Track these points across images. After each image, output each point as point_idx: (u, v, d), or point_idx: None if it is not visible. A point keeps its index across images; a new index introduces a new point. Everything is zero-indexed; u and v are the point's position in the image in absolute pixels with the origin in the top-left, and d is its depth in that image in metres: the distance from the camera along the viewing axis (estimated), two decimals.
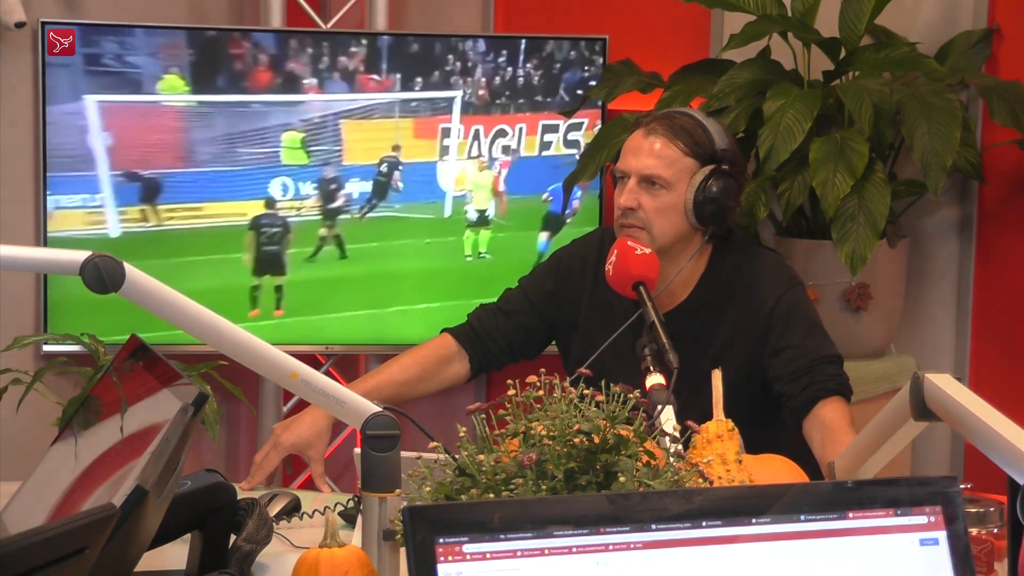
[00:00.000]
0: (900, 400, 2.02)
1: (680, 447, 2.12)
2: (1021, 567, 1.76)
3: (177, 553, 2.31)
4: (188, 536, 2.29)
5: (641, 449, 1.95)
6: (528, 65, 4.36)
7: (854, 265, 3.60)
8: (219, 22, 4.32)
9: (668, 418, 2.38)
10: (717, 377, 2.36)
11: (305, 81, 4.32)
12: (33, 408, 2.99)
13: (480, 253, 4.48)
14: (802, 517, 1.53)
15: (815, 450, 2.80)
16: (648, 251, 2.81)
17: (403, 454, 2.05)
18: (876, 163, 3.71)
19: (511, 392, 1.98)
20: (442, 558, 1.43)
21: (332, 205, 4.39)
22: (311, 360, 4.27)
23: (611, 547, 1.47)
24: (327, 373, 4.25)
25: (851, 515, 1.54)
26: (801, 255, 3.89)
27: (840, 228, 3.62)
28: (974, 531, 2.35)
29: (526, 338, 3.14)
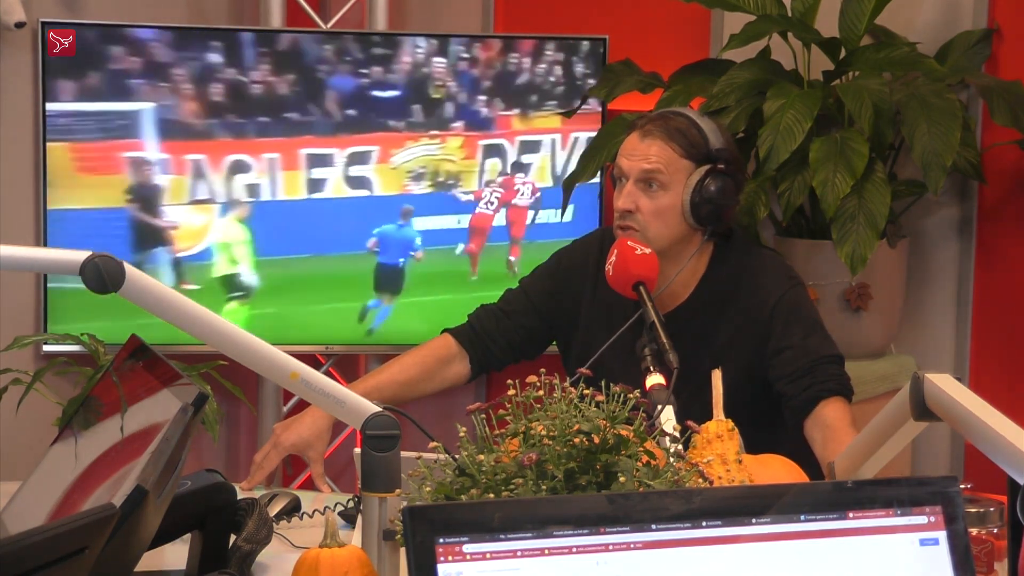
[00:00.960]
0: (900, 400, 2.02)
1: (680, 447, 2.12)
2: (1021, 567, 1.76)
3: (177, 553, 2.31)
4: (188, 536, 2.29)
5: (641, 449, 1.95)
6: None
7: (854, 265, 3.60)
8: (219, 22, 4.32)
9: (668, 418, 2.38)
10: (717, 377, 2.36)
11: None
12: (33, 408, 2.99)
13: None
14: (802, 517, 1.53)
15: (816, 450, 2.80)
16: (648, 251, 2.81)
17: (403, 454, 2.05)
18: (876, 163, 3.71)
19: (511, 392, 1.98)
20: (442, 558, 1.43)
21: None
22: (311, 360, 4.27)
23: (611, 547, 1.47)
24: (327, 373, 4.25)
25: (851, 515, 1.54)
26: (801, 255, 3.89)
27: (840, 228, 3.62)
28: (974, 531, 2.35)
29: (526, 338, 3.14)
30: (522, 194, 4.11)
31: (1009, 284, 4.04)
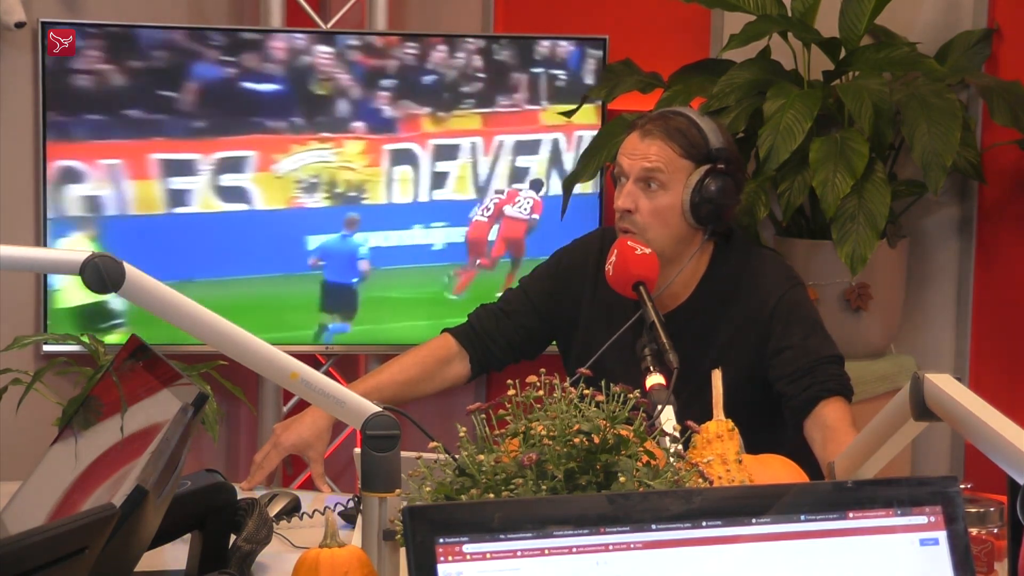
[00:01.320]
0: (900, 400, 2.02)
1: (680, 447, 2.12)
2: (1021, 567, 1.76)
3: (177, 553, 2.31)
4: (188, 536, 2.29)
5: (641, 449, 1.95)
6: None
7: (854, 265, 3.60)
8: (219, 22, 4.32)
9: (668, 418, 2.38)
10: (717, 377, 2.36)
11: None
12: (33, 408, 2.99)
13: None
14: (802, 517, 1.53)
15: (816, 450, 2.80)
16: (648, 251, 2.81)
17: (403, 454, 2.05)
18: (876, 163, 3.71)
19: (511, 392, 1.98)
20: (442, 558, 1.43)
21: None
22: (311, 360, 4.27)
23: (611, 547, 1.47)
24: (327, 373, 4.25)
25: (851, 515, 1.54)
26: (801, 255, 3.89)
27: (840, 228, 3.62)
28: (974, 531, 2.35)
29: (526, 338, 3.14)
30: (521, 206, 3.87)
31: (1009, 284, 4.04)
